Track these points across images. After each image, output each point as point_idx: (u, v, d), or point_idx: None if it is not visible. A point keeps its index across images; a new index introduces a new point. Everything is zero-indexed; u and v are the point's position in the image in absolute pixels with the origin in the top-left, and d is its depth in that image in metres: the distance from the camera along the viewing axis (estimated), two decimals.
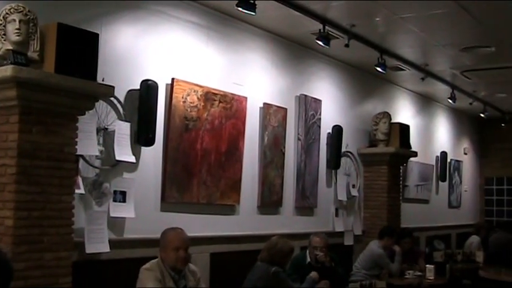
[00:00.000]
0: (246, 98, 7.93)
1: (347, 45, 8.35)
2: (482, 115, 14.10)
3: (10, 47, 5.09)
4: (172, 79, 6.95)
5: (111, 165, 6.28)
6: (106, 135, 6.24)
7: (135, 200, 6.45)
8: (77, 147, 5.48)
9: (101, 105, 6.12)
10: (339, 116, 10.10)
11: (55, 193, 5.23)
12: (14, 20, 5.08)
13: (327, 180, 9.76)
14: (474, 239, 12.37)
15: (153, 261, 5.55)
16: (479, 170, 16.82)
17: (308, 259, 7.72)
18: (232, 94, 7.72)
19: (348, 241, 10.10)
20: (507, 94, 13.05)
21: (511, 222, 15.42)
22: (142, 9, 6.70)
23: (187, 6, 7.24)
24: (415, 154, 11.51)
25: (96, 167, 6.12)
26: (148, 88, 6.57)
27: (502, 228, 13.14)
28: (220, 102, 7.52)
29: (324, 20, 7.88)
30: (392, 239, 9.32)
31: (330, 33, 8.11)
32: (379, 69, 9.24)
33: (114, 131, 6.26)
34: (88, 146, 5.86)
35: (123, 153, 6.30)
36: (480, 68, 10.66)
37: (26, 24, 5.12)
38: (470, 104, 13.22)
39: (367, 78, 10.89)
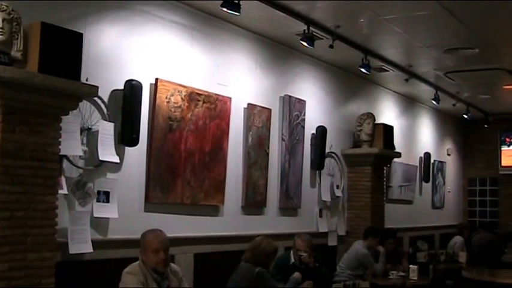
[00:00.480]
0: (230, 98, 7.92)
1: (331, 46, 8.38)
2: (465, 116, 14.16)
3: None
4: (156, 79, 6.94)
5: (95, 165, 6.26)
6: (90, 135, 6.22)
7: (119, 201, 6.43)
8: (60, 147, 5.46)
9: (84, 105, 6.09)
10: (323, 116, 10.12)
11: (38, 193, 5.20)
12: None
13: (311, 180, 9.78)
14: (458, 239, 12.43)
15: (134, 264, 5.52)
16: (463, 171, 16.91)
17: (292, 259, 7.73)
18: (216, 94, 7.71)
19: (332, 242, 10.12)
20: (490, 95, 13.14)
21: (494, 223, 15.56)
22: (126, 9, 6.68)
23: (171, 6, 7.22)
24: (398, 155, 11.54)
25: (79, 167, 6.09)
26: (132, 88, 6.55)
27: (485, 228, 13.22)
28: (204, 102, 7.51)
29: (308, 21, 7.89)
30: (377, 239, 9.35)
31: (315, 34, 8.12)
32: (363, 70, 9.26)
33: (97, 131, 6.23)
34: (72, 146, 5.82)
35: (107, 153, 6.28)
36: (464, 69, 10.72)
37: (9, 24, 5.09)
38: (454, 105, 13.29)
39: (351, 79, 10.91)
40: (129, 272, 5.43)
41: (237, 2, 6.73)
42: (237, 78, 8.24)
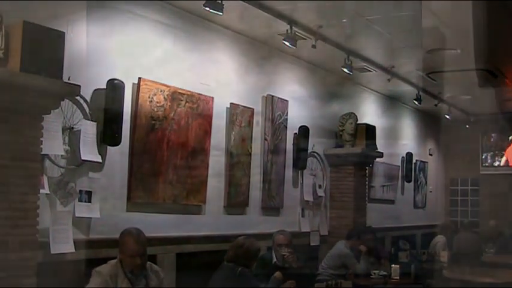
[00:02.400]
0: (212, 98, 7.91)
1: (314, 46, 8.38)
2: (447, 116, 14.21)
3: None
4: (139, 79, 6.92)
5: (77, 164, 6.24)
6: (72, 135, 6.19)
7: (101, 200, 6.42)
8: (42, 146, 5.43)
9: (66, 104, 6.06)
10: (306, 116, 10.11)
11: (19, 193, 5.17)
12: None
13: (293, 180, 9.78)
14: (440, 239, 12.47)
15: (109, 261, 5.53)
16: (444, 171, 16.98)
17: (274, 259, 7.72)
18: (198, 94, 7.70)
19: (314, 241, 10.13)
20: (471, 96, 13.19)
21: (475, 222, 15.64)
22: (109, 8, 6.66)
23: (154, 6, 7.20)
24: (381, 155, 11.57)
25: (61, 167, 6.07)
26: (115, 87, 6.53)
27: (466, 228, 13.27)
28: (186, 102, 7.50)
29: (291, 21, 7.89)
30: (360, 240, 9.38)
31: (297, 34, 8.13)
32: (345, 70, 9.28)
33: (80, 131, 6.21)
34: (53, 145, 5.80)
35: (89, 152, 6.26)
36: (445, 70, 10.75)
37: None
38: (436, 105, 13.33)
39: (334, 79, 10.92)
40: (96, 270, 5.45)
41: (219, 1, 6.73)
42: (219, 77, 8.22)
